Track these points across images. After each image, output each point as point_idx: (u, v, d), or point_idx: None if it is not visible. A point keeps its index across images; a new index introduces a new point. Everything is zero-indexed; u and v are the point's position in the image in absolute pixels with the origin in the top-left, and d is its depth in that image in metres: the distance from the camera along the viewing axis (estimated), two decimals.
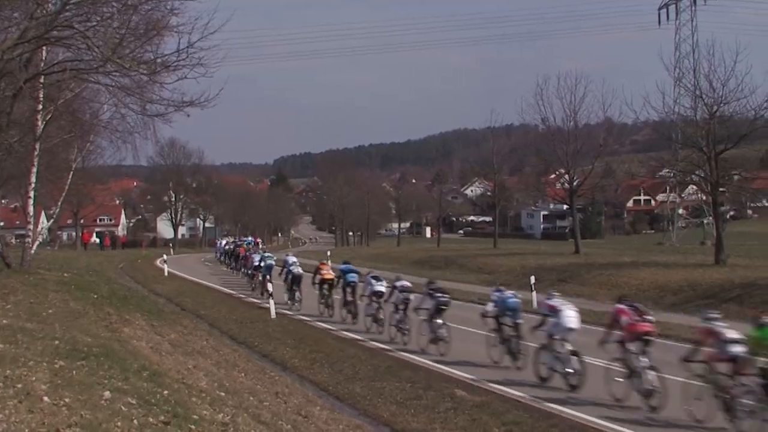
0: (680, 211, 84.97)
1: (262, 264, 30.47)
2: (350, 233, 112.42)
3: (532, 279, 28.96)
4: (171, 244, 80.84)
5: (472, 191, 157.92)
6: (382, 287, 20.67)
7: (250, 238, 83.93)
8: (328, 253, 51.27)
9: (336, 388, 14.49)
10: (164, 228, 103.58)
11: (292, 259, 27.15)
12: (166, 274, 41.78)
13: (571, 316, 14.07)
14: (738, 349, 10.67)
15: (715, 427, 10.91)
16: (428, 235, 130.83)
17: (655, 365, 12.13)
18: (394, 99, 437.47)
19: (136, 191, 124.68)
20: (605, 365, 13.23)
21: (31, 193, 23.15)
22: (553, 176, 56.74)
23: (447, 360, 16.66)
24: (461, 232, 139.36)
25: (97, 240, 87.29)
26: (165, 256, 47.90)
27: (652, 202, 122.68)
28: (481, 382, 14.54)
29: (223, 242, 56.14)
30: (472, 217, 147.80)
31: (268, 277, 29.04)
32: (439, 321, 17.41)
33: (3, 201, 50.27)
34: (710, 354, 10.98)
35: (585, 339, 14.77)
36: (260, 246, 49.73)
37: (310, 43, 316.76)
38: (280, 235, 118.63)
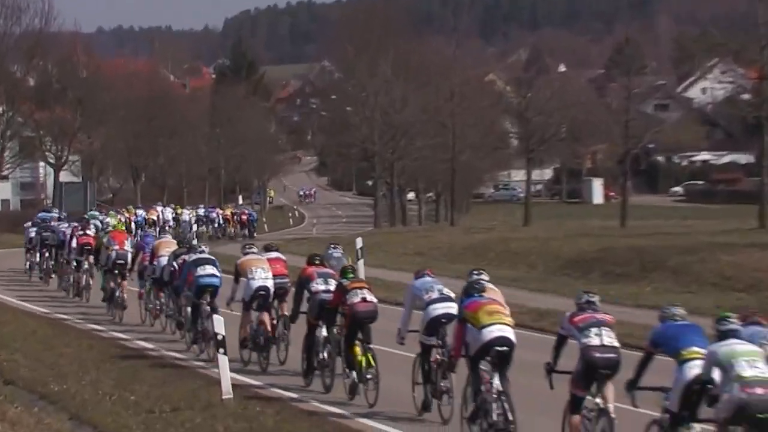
0: None
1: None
2: (410, 195, 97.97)
3: None
4: None
5: (704, 92, 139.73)
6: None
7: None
8: (359, 244, 43.78)
9: None
10: None
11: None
12: None
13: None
14: None
15: None
16: (598, 199, 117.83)
17: None
18: None
19: None
20: None
21: None
22: None
23: None
24: (678, 190, 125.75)
25: None
26: None
27: None
28: None
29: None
30: (704, 156, 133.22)
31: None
32: None
33: None
34: None
35: None
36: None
37: None
38: (241, 199, 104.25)
